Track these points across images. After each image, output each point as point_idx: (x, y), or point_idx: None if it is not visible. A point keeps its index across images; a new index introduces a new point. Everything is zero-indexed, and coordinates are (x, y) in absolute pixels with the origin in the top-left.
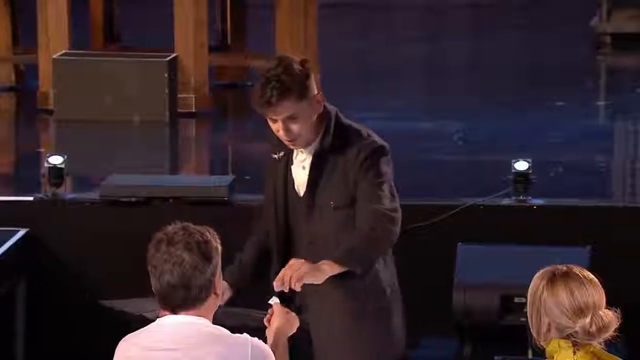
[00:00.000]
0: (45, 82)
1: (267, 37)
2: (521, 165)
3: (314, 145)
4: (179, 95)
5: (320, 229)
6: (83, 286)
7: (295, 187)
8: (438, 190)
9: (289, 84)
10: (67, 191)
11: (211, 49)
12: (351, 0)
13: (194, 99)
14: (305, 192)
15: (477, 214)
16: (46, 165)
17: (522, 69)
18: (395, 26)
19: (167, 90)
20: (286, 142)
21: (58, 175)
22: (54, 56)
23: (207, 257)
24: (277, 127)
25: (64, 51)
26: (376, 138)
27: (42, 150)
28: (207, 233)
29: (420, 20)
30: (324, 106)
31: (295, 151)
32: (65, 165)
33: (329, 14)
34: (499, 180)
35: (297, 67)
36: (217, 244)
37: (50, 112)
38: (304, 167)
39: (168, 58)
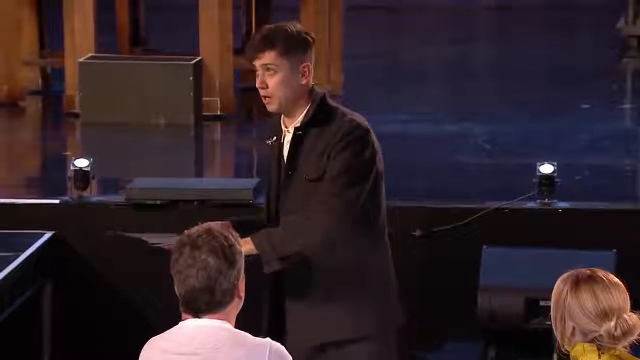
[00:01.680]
0: (72, 85)
1: None
2: (546, 168)
3: (296, 123)
4: (204, 98)
5: (294, 205)
6: (109, 289)
7: (283, 166)
8: (463, 193)
9: (277, 37)
10: (92, 194)
11: (236, 52)
12: (377, 3)
13: (219, 101)
14: (285, 170)
15: (502, 217)
16: (72, 168)
17: (548, 72)
18: (421, 28)
19: (192, 93)
20: (263, 99)
21: (84, 178)
22: (80, 60)
23: (231, 261)
24: (258, 81)
25: (90, 55)
26: (358, 120)
27: (68, 153)
28: (231, 236)
29: (447, 22)
30: (312, 87)
31: (283, 132)
32: (91, 168)
33: (354, 16)
34: (524, 183)
35: (292, 28)
36: (240, 247)
37: (77, 115)
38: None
39: (193, 61)
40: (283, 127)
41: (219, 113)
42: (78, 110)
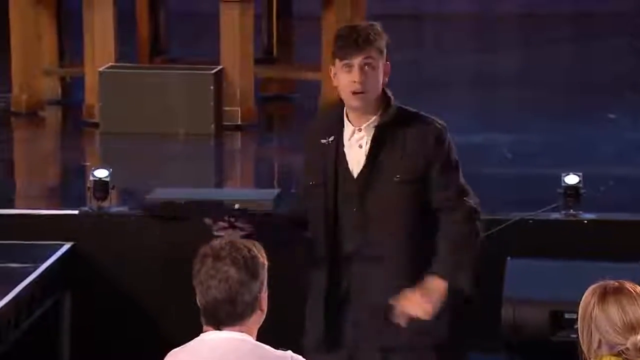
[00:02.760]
0: (91, 95)
1: (314, 49)
2: (571, 179)
3: (373, 122)
4: (224, 108)
5: (378, 206)
6: (127, 300)
7: (350, 168)
8: (487, 204)
9: (377, 35)
10: (112, 205)
11: (257, 61)
12: (400, 12)
13: (239, 111)
14: (364, 168)
15: (527, 228)
16: (91, 178)
17: (573, 81)
18: (444, 37)
19: (212, 103)
20: (353, 96)
21: (103, 188)
22: (100, 69)
23: (254, 273)
24: (351, 77)
25: (109, 64)
26: (437, 119)
27: (87, 163)
28: (254, 248)
29: (468, 30)
30: (383, 89)
31: (345, 134)
32: (111, 178)
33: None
34: (549, 194)
35: (381, 29)
36: (263, 259)
37: (96, 125)
38: (360, 146)
39: (214, 70)
40: (349, 126)
41: (239, 123)
42: (97, 120)
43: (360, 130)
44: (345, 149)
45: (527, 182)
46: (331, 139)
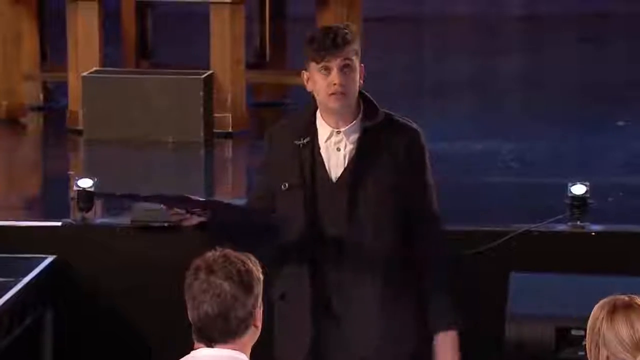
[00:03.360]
0: (75, 101)
1: None
2: (578, 189)
3: (353, 126)
4: (214, 115)
5: (359, 211)
6: (113, 317)
7: (328, 172)
8: (489, 215)
9: (351, 35)
10: (97, 216)
11: (249, 66)
12: (398, 13)
13: (230, 118)
14: (345, 172)
15: (531, 240)
16: (75, 188)
17: (580, 86)
18: (444, 40)
19: (202, 110)
20: (333, 97)
21: (87, 199)
22: (84, 74)
23: (248, 288)
24: (330, 79)
25: (94, 68)
26: (413, 123)
27: (71, 172)
28: (249, 261)
29: (471, 33)
30: (362, 92)
31: (320, 136)
32: (95, 188)
33: (374, 28)
34: (555, 204)
35: (355, 30)
36: (258, 273)
37: (80, 133)
38: (339, 149)
39: (203, 75)
40: (325, 127)
41: (230, 130)
42: (81, 127)
43: (339, 132)
44: (322, 152)
45: (532, 192)
46: (306, 140)
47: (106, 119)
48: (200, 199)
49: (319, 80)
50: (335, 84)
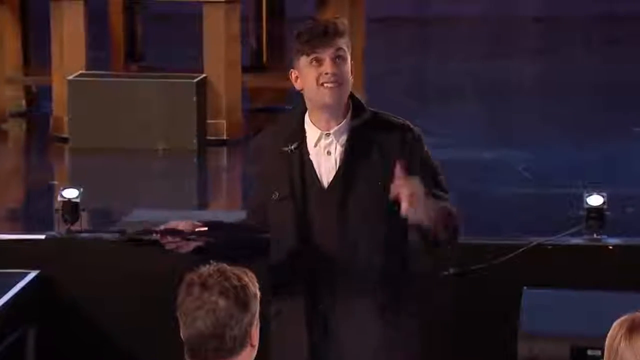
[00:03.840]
0: (59, 106)
1: None
2: (595, 200)
3: (341, 127)
4: (208, 121)
5: (356, 218)
6: (100, 335)
7: (318, 177)
8: (501, 228)
9: (344, 26)
10: (83, 229)
11: (245, 69)
12: (403, 14)
13: (225, 125)
14: (336, 177)
15: (545, 254)
16: (60, 199)
17: (596, 91)
18: (451, 41)
19: (195, 115)
20: (327, 88)
21: (73, 210)
22: (69, 78)
23: (244, 304)
24: (322, 69)
25: (80, 72)
26: (406, 121)
27: (55, 182)
28: (245, 277)
29: (482, 35)
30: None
31: (309, 140)
32: (81, 199)
33: (377, 29)
34: (570, 216)
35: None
36: (255, 289)
37: (65, 140)
38: (329, 153)
39: (196, 79)
40: (314, 130)
41: (225, 137)
42: (66, 134)
43: (328, 134)
44: (311, 157)
45: (546, 203)
46: (294, 146)
47: (93, 125)
48: (190, 224)
49: (309, 74)
50: (327, 73)
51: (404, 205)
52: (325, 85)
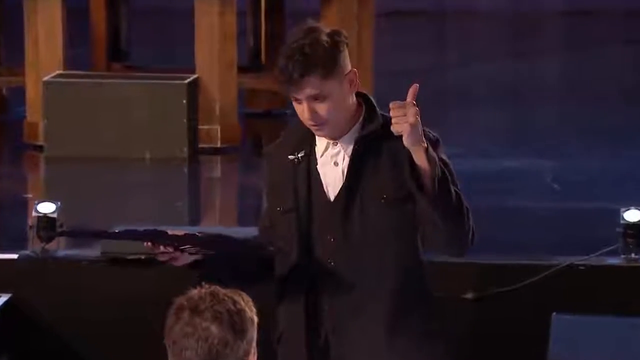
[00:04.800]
0: (34, 110)
1: None
2: (633, 215)
3: (350, 135)
4: (200, 127)
5: (363, 233)
6: None
7: (325, 189)
8: (527, 247)
9: (314, 59)
10: (60, 247)
11: (241, 69)
12: (417, 7)
13: (219, 131)
14: (342, 189)
15: (577, 276)
16: (34, 214)
17: (632, 92)
18: (469, 38)
19: (185, 120)
20: (312, 128)
21: (49, 227)
22: (45, 78)
23: (239, 331)
24: (301, 109)
25: (57, 72)
26: (426, 129)
27: (29, 195)
28: (241, 300)
29: (504, 31)
30: (362, 93)
31: (318, 148)
32: (58, 214)
33: (387, 25)
34: (605, 233)
35: (325, 39)
36: (252, 313)
37: (40, 148)
38: (336, 163)
39: (187, 80)
40: (322, 139)
41: (219, 145)
42: (42, 141)
43: (335, 143)
44: (319, 167)
45: (577, 219)
46: (301, 154)
47: (71, 132)
48: (187, 233)
49: (297, 108)
50: (306, 117)
51: (397, 127)
52: (311, 125)
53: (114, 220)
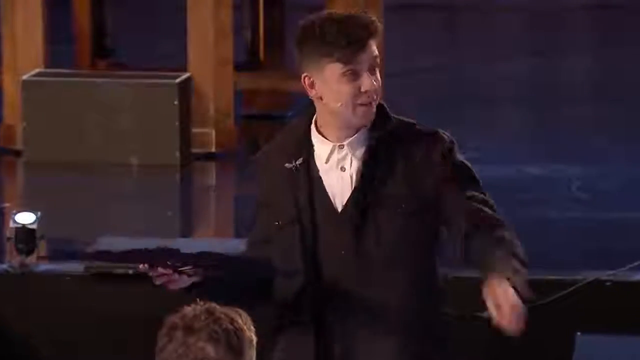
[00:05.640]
0: (11, 112)
1: None
2: None
3: (359, 137)
4: (193, 130)
5: (377, 246)
6: None
7: (331, 198)
8: (550, 260)
9: (375, 22)
10: (40, 261)
11: (238, 67)
12: (429, 0)
13: (214, 134)
14: (351, 198)
15: (603, 292)
16: (12, 225)
17: None
18: (486, 34)
19: (177, 123)
20: (361, 109)
21: (28, 239)
22: (24, 77)
23: (237, 352)
24: (358, 85)
25: (37, 70)
26: (441, 131)
27: (6, 205)
28: (239, 318)
29: (526, 25)
30: None
31: (319, 154)
32: (39, 225)
33: (396, 19)
34: (634, 246)
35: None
36: (251, 333)
37: (18, 153)
38: (343, 168)
39: (179, 80)
40: (324, 142)
41: (213, 150)
42: (20, 145)
43: (342, 147)
44: (322, 174)
45: (604, 230)
46: (299, 161)
47: (52, 135)
48: (190, 253)
49: (343, 89)
50: (367, 91)
51: (498, 316)
52: (362, 105)
53: (99, 232)
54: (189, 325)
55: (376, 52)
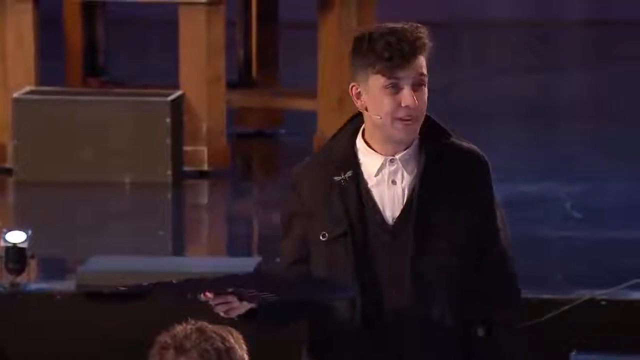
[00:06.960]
0: (2, 130)
1: (307, 67)
2: None
3: (410, 151)
4: (186, 148)
5: (428, 264)
6: None
7: (381, 211)
8: (544, 279)
9: (424, 38)
10: (31, 280)
11: (230, 85)
12: (424, 17)
13: (206, 152)
14: (405, 213)
15: (598, 311)
16: (3, 244)
17: None
18: (486, 51)
19: (169, 141)
20: (402, 123)
21: (19, 258)
22: (15, 95)
23: None
24: (399, 99)
25: (28, 88)
26: (475, 148)
27: None
28: (231, 337)
29: (522, 42)
30: None
31: (367, 168)
32: (29, 244)
33: None
34: (629, 265)
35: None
36: (242, 352)
37: (9, 171)
38: (394, 182)
39: (171, 97)
40: (373, 155)
41: (206, 168)
42: (11, 164)
43: (393, 160)
44: (371, 187)
45: (599, 249)
46: (349, 174)
47: (43, 154)
48: (247, 275)
49: (384, 101)
50: (407, 106)
51: None
52: (401, 120)
53: (91, 251)
54: (180, 344)
55: (422, 69)
